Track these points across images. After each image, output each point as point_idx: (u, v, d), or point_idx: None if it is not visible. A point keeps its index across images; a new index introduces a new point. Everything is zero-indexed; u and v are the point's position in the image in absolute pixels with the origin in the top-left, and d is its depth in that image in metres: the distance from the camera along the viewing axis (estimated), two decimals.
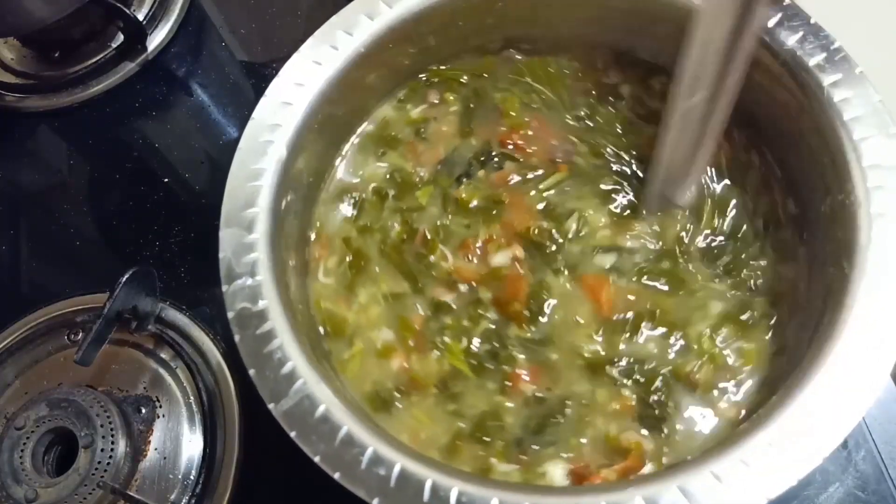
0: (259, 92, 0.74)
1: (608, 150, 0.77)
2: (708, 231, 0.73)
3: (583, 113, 0.80)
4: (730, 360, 0.67)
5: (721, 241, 0.73)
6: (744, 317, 0.69)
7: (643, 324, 0.69)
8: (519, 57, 0.84)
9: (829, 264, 0.65)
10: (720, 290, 0.70)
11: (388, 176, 0.80)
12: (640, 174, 0.75)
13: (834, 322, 0.59)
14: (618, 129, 0.79)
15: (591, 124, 0.79)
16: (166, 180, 0.98)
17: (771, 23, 0.69)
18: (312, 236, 0.77)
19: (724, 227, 0.73)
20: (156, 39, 1.07)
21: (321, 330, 0.73)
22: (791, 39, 0.69)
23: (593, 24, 0.80)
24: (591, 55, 0.82)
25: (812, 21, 0.69)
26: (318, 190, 0.79)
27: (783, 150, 0.74)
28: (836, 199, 0.65)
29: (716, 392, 0.66)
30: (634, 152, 0.77)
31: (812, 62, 0.68)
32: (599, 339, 0.69)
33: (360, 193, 0.79)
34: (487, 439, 0.66)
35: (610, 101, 0.81)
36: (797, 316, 0.68)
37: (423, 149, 0.81)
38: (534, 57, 0.84)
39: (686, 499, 0.53)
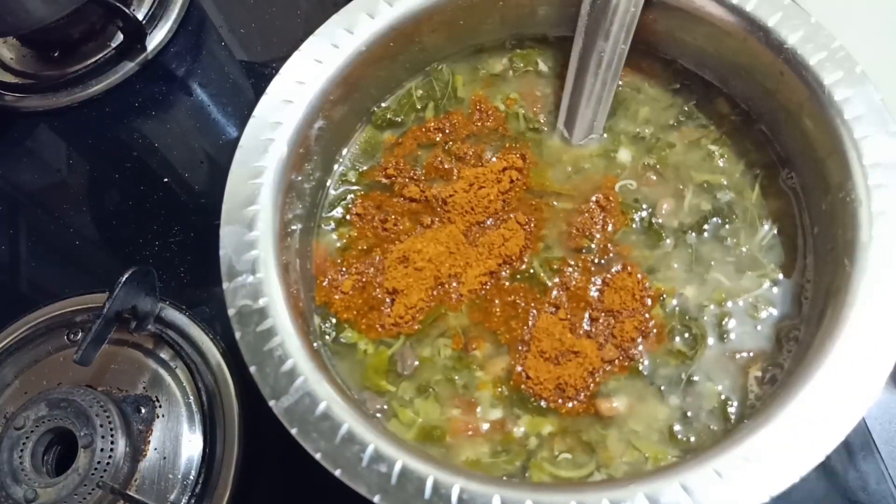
0: (259, 91, 0.74)
1: None
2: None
3: None
4: None
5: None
6: None
7: None
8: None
9: (830, 262, 0.65)
10: None
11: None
12: None
13: (835, 320, 0.59)
14: None
15: None
16: (166, 180, 0.98)
17: (772, 22, 0.70)
18: (315, 233, 0.77)
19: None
20: (155, 39, 1.07)
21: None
22: (792, 38, 0.69)
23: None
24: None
25: (812, 20, 0.70)
26: (320, 188, 0.79)
27: (784, 148, 0.75)
28: (836, 197, 0.65)
29: None
30: None
31: (813, 61, 0.68)
32: None
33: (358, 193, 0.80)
34: None
35: None
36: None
37: None
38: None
39: (688, 495, 0.53)
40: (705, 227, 0.73)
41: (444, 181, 0.79)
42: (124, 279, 0.77)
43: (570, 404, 0.67)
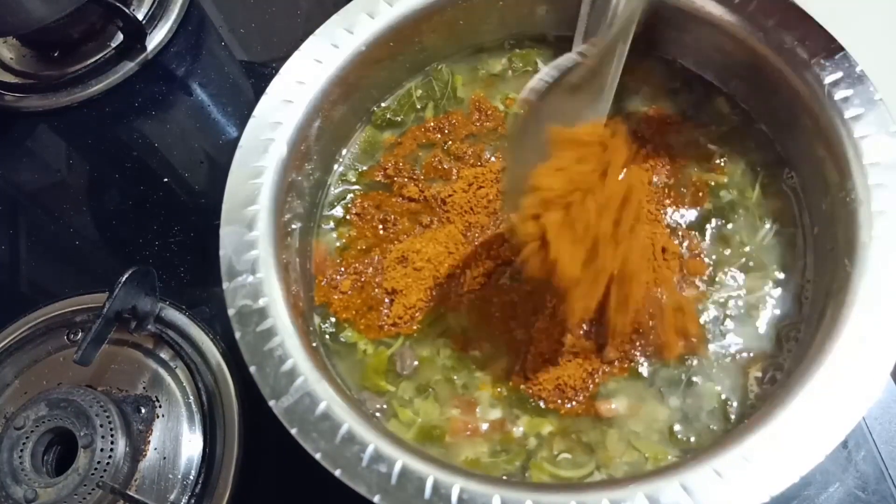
0: (259, 91, 0.74)
1: None
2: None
3: None
4: None
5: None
6: None
7: None
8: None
9: (830, 262, 0.65)
10: None
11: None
12: None
13: (835, 320, 0.59)
14: None
15: None
16: (166, 180, 0.98)
17: (772, 21, 0.70)
18: (315, 233, 0.77)
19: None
20: (155, 39, 1.07)
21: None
22: (792, 38, 0.69)
23: None
24: None
25: (813, 20, 0.70)
26: (320, 187, 0.79)
27: (784, 147, 0.75)
28: (836, 197, 0.65)
29: None
30: None
31: (813, 60, 0.68)
32: None
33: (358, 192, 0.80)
34: None
35: None
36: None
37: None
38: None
39: (688, 495, 0.53)
40: (707, 226, 0.73)
41: (443, 181, 0.79)
42: (124, 279, 0.76)
43: (570, 405, 0.67)
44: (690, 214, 0.74)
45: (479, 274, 0.73)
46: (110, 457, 0.73)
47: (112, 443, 0.73)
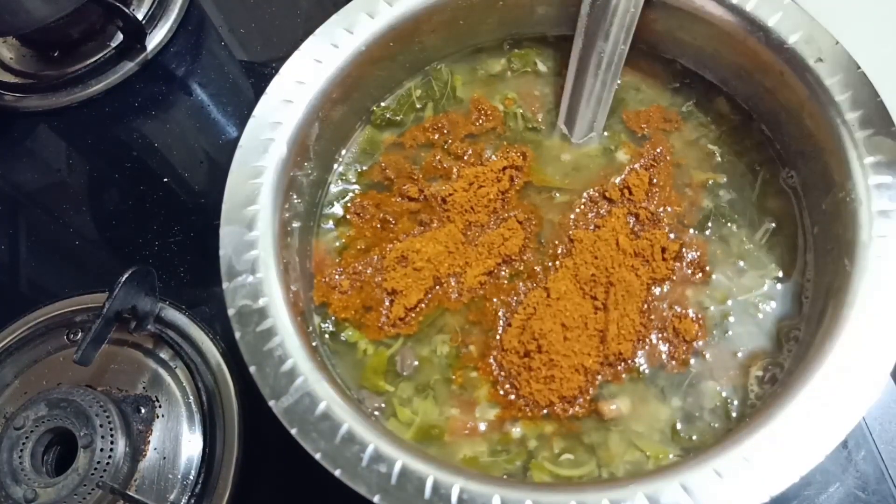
0: (259, 91, 0.74)
1: None
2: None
3: None
4: None
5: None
6: None
7: None
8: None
9: (830, 262, 0.65)
10: None
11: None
12: None
13: (835, 320, 0.59)
14: None
15: None
16: (166, 180, 0.98)
17: (772, 21, 0.70)
18: (314, 233, 0.77)
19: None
20: (155, 39, 1.07)
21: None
22: (792, 38, 0.69)
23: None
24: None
25: (812, 20, 0.70)
26: (320, 187, 0.79)
27: (784, 147, 0.75)
28: (836, 197, 0.65)
29: None
30: None
31: (813, 61, 0.68)
32: None
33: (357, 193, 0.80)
34: None
35: None
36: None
37: None
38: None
39: (688, 495, 0.53)
40: (707, 225, 0.73)
41: (443, 180, 0.79)
42: (124, 279, 0.76)
43: (570, 411, 0.67)
44: (690, 214, 0.74)
45: (480, 273, 0.73)
46: (110, 457, 0.73)
47: (112, 443, 0.73)
